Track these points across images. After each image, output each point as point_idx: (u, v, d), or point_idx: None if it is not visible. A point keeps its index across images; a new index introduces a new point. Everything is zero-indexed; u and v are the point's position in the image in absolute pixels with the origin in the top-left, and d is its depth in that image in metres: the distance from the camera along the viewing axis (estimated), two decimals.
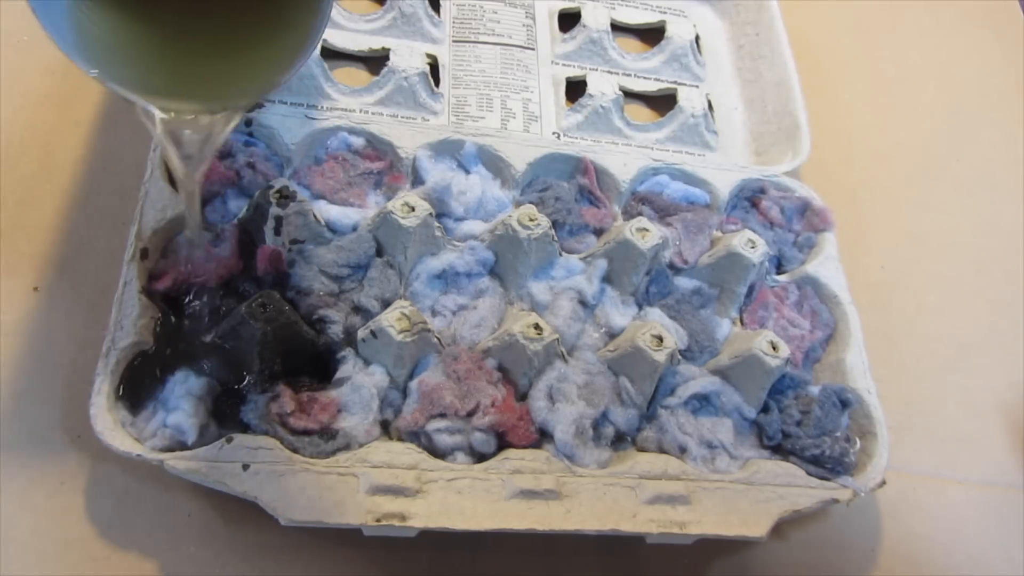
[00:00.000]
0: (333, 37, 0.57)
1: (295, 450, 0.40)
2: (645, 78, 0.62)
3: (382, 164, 0.50)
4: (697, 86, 0.63)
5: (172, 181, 0.41)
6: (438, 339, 0.44)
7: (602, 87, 0.57)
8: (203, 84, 0.32)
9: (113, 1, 0.29)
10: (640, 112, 0.62)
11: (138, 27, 0.30)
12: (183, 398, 0.40)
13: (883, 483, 0.46)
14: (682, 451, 0.44)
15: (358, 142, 0.50)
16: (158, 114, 0.31)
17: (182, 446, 0.39)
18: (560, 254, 0.50)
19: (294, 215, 0.45)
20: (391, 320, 0.42)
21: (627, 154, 0.54)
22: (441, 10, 0.61)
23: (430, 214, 0.46)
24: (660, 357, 0.44)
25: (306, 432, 0.40)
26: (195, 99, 0.32)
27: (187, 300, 0.43)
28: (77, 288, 0.46)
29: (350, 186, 0.49)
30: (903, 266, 0.62)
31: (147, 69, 0.31)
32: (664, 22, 0.64)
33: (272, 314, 0.41)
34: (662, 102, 0.62)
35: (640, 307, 0.49)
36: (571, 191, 0.52)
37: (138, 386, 0.41)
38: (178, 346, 0.42)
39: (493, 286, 0.48)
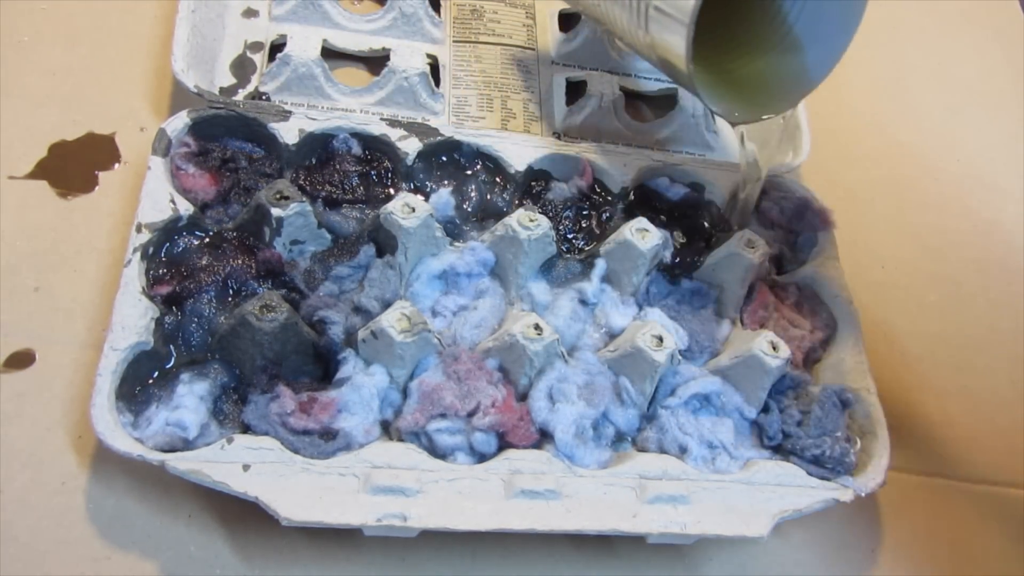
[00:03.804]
0: (333, 37, 0.57)
1: (295, 450, 0.40)
2: (645, 78, 0.62)
3: (383, 165, 0.50)
4: None
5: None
6: (438, 339, 0.44)
7: (602, 87, 0.57)
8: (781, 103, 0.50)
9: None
10: (640, 112, 0.62)
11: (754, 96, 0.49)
12: (185, 396, 0.40)
13: (883, 483, 0.46)
14: (682, 451, 0.44)
15: (358, 142, 0.50)
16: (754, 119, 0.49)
17: (183, 445, 0.39)
18: (560, 255, 0.50)
19: (294, 216, 0.45)
20: (391, 321, 0.42)
21: (627, 154, 0.54)
22: (441, 10, 0.61)
23: (430, 214, 0.46)
24: (660, 357, 0.44)
25: (306, 432, 0.40)
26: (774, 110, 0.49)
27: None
28: (77, 288, 0.46)
29: (350, 186, 0.49)
30: (903, 266, 0.62)
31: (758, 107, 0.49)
32: None
33: (273, 315, 0.41)
34: (662, 102, 0.62)
35: (640, 307, 0.49)
36: (570, 192, 0.52)
37: (139, 386, 0.41)
38: (179, 346, 0.42)
39: (493, 286, 0.48)
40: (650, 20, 0.45)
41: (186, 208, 0.45)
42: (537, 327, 0.44)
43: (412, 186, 0.51)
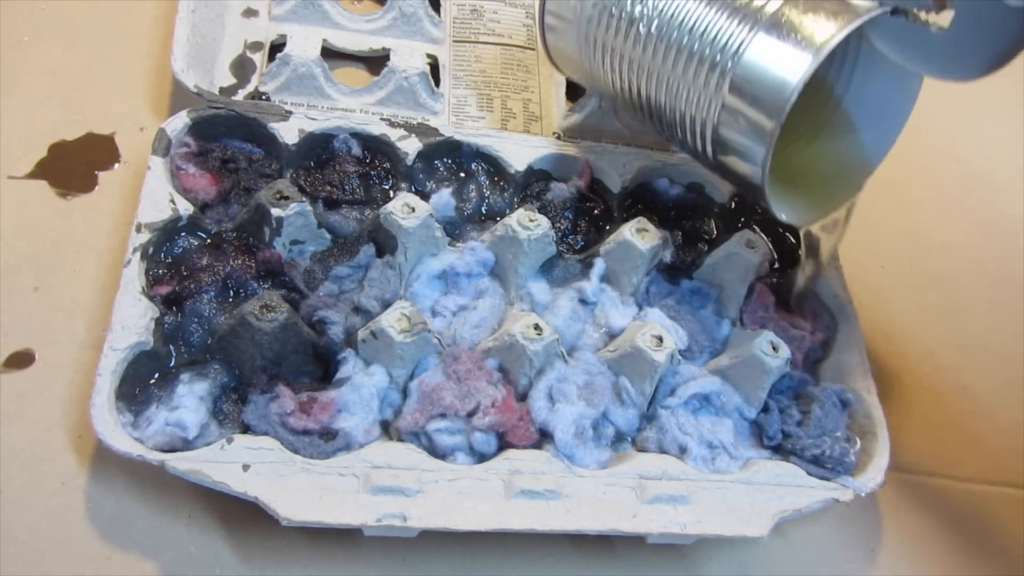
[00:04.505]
0: (333, 37, 0.57)
1: (295, 450, 0.40)
2: None
3: (382, 165, 0.50)
4: None
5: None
6: (438, 339, 0.44)
7: None
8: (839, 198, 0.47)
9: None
10: None
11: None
12: (185, 396, 0.40)
13: (883, 483, 0.46)
14: (682, 451, 0.44)
15: (358, 143, 0.50)
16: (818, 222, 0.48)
17: (183, 445, 0.39)
18: (560, 255, 0.50)
19: (294, 216, 0.45)
20: (391, 321, 0.42)
21: (627, 154, 0.54)
22: (441, 10, 0.61)
23: (430, 214, 0.46)
24: (660, 357, 0.44)
25: (306, 432, 0.40)
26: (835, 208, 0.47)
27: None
28: (77, 288, 0.46)
29: (350, 187, 0.49)
30: (903, 266, 0.62)
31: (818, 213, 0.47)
32: None
33: (273, 315, 0.41)
34: None
35: (640, 307, 0.49)
36: (569, 192, 0.52)
37: (139, 386, 0.41)
38: (179, 346, 0.42)
39: (493, 286, 0.48)
40: (720, 129, 0.43)
41: (186, 208, 0.45)
42: (537, 327, 0.44)
43: (412, 186, 0.51)
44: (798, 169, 0.48)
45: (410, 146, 0.50)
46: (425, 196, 0.49)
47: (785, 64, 0.40)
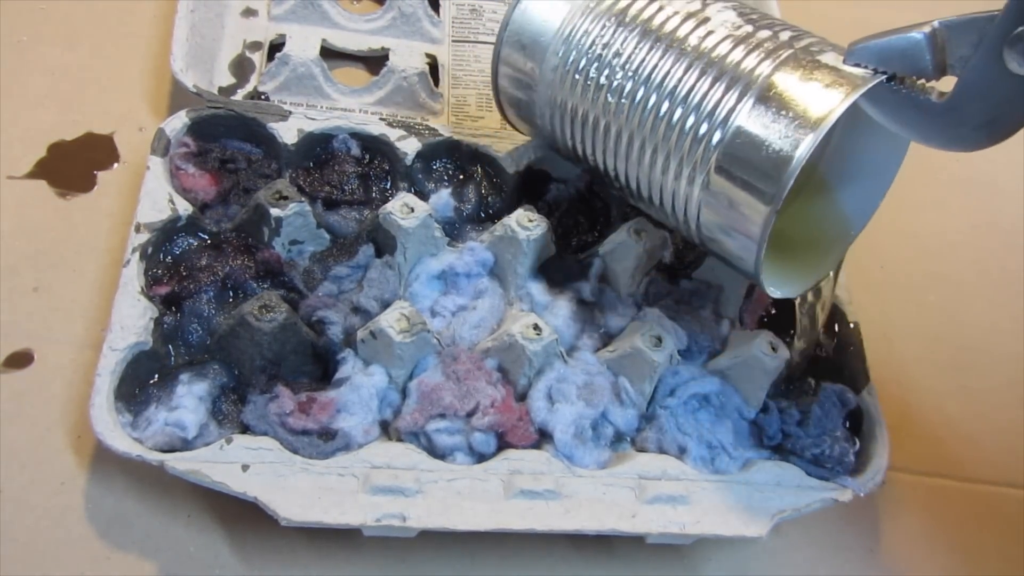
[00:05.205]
0: (332, 37, 0.57)
1: (294, 450, 0.40)
2: None
3: (382, 165, 0.50)
4: None
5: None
6: (437, 339, 0.44)
7: None
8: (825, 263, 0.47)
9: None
10: None
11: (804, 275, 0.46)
12: (184, 397, 0.40)
13: (882, 483, 0.46)
14: (681, 451, 0.44)
15: (357, 143, 0.50)
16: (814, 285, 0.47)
17: (182, 445, 0.39)
18: (559, 255, 0.50)
19: (293, 216, 0.45)
20: (390, 321, 0.42)
21: None
22: (441, 10, 0.61)
23: (429, 215, 0.46)
24: (659, 357, 0.44)
25: (305, 432, 0.40)
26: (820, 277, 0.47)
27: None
28: (76, 288, 0.46)
29: (349, 187, 0.49)
30: (903, 266, 0.62)
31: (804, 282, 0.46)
32: None
33: (272, 315, 0.41)
34: None
35: (639, 307, 0.49)
36: (569, 192, 0.52)
37: (138, 386, 0.41)
38: (178, 347, 0.42)
39: (492, 286, 0.48)
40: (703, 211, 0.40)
41: (185, 208, 0.45)
42: (536, 327, 0.44)
43: (411, 186, 0.51)
44: (779, 233, 0.43)
45: (409, 146, 0.50)
46: (424, 196, 0.49)
47: (779, 144, 0.37)
